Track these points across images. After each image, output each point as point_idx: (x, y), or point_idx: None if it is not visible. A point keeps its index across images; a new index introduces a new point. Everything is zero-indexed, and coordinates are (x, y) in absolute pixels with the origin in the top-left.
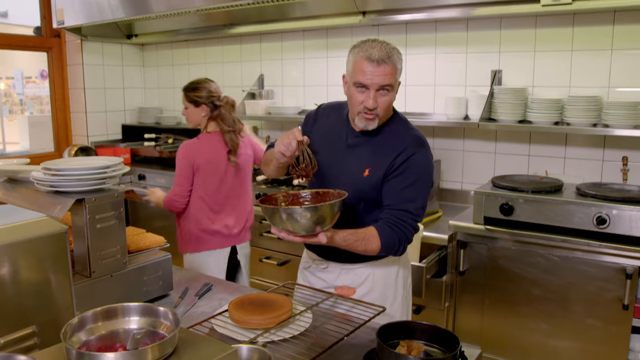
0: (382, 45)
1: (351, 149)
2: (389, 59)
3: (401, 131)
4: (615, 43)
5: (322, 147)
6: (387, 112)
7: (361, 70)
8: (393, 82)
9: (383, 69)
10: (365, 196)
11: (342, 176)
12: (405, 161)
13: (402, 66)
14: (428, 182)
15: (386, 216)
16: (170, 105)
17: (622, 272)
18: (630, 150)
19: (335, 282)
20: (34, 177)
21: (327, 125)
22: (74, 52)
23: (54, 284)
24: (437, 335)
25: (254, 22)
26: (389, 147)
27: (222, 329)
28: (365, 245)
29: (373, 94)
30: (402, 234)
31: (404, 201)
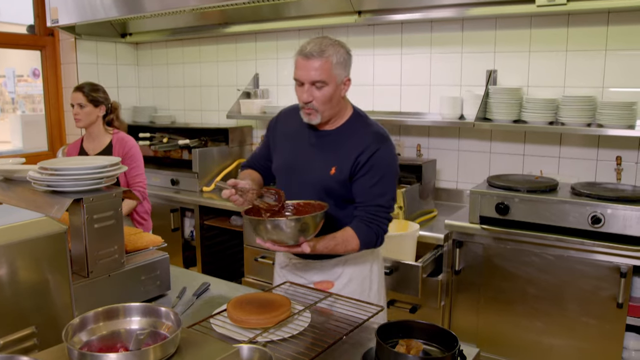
0: (318, 41)
1: (314, 148)
2: (320, 53)
3: (361, 129)
4: (609, 44)
5: (286, 149)
6: (330, 106)
7: (296, 65)
8: (325, 77)
9: (312, 63)
10: (335, 193)
11: (309, 175)
12: (370, 159)
13: (343, 60)
14: (394, 174)
15: (360, 214)
16: (164, 104)
17: (616, 271)
18: (624, 150)
19: (314, 278)
20: (30, 177)
21: (289, 127)
22: (67, 51)
23: (53, 284)
24: (435, 334)
25: (249, 21)
26: (351, 145)
27: (220, 329)
28: (346, 246)
29: (307, 88)
30: (378, 228)
31: (375, 197)
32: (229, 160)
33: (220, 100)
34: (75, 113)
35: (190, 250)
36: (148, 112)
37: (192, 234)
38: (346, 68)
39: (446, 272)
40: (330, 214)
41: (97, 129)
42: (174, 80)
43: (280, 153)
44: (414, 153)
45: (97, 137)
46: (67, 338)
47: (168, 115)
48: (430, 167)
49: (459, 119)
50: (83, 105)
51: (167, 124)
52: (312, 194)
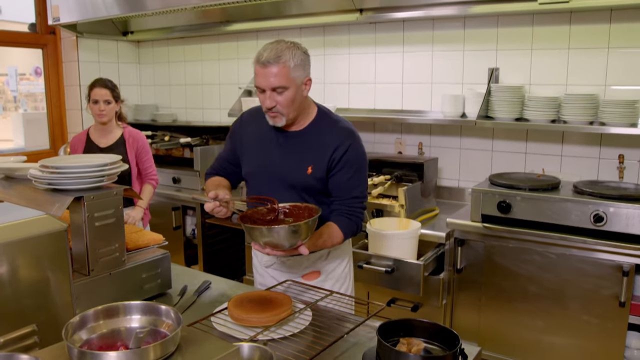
0: (274, 46)
1: (284, 148)
2: (276, 59)
3: (330, 126)
4: (611, 41)
5: (255, 153)
6: (294, 108)
7: (255, 73)
8: (284, 82)
9: (270, 70)
10: (312, 190)
11: (286, 177)
12: (344, 155)
13: (301, 62)
14: (366, 166)
15: (339, 207)
16: (166, 102)
17: (618, 270)
18: (626, 148)
19: (300, 270)
20: (31, 175)
21: (254, 131)
22: (69, 49)
23: (54, 282)
24: (437, 332)
25: (250, 20)
26: (324, 143)
27: (221, 327)
28: (332, 241)
29: (269, 94)
30: (357, 219)
31: (351, 189)
32: None
33: (222, 98)
34: (102, 109)
35: (191, 248)
36: (150, 110)
37: (194, 232)
38: (305, 68)
39: (448, 270)
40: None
41: (112, 124)
42: (176, 79)
43: (250, 157)
44: (416, 151)
45: (110, 132)
46: (67, 336)
47: (169, 114)
48: (432, 166)
49: (461, 117)
50: (109, 101)
51: (169, 122)
52: (289, 194)
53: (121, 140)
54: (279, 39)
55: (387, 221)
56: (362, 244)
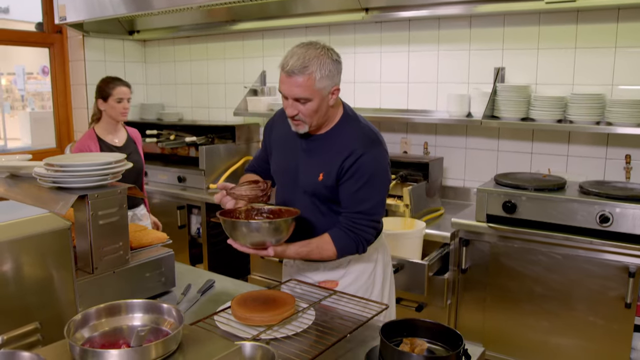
0: (302, 53)
1: (306, 153)
2: (302, 69)
3: (350, 132)
4: (619, 41)
5: (280, 154)
6: (317, 117)
7: (280, 79)
8: (308, 94)
9: (294, 79)
10: (325, 199)
11: (300, 181)
12: (354, 163)
13: (328, 73)
14: (382, 179)
15: (342, 220)
16: (172, 101)
17: (624, 271)
18: (633, 149)
19: (318, 277)
20: (36, 173)
21: (284, 131)
22: (75, 48)
23: (57, 280)
24: (440, 333)
25: (256, 19)
26: (338, 150)
27: (224, 326)
28: (320, 253)
29: (291, 103)
30: (358, 237)
31: (357, 203)
32: (236, 157)
33: (228, 97)
34: (126, 108)
35: (196, 247)
36: (155, 109)
37: (199, 231)
38: (333, 78)
39: (452, 270)
40: (319, 217)
41: (121, 122)
42: (182, 78)
43: (275, 158)
44: (421, 151)
45: (119, 130)
46: (69, 334)
47: (175, 113)
48: (437, 165)
49: (467, 117)
50: (130, 99)
51: (175, 121)
52: (304, 199)
53: (129, 138)
54: (312, 41)
55: (391, 221)
56: None
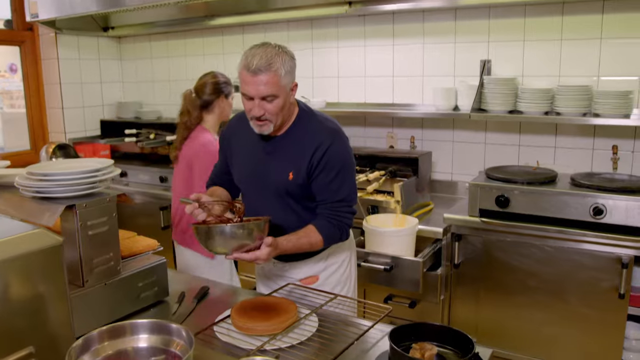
0: (263, 52)
1: (270, 155)
2: (267, 67)
3: (311, 126)
4: (604, 32)
5: (242, 161)
6: (282, 115)
7: (243, 80)
8: (275, 91)
9: (260, 78)
10: (298, 197)
11: (269, 184)
12: (323, 156)
13: (290, 69)
14: (350, 167)
15: (322, 211)
16: (150, 99)
17: (617, 262)
18: (620, 139)
19: (298, 275)
20: (18, 184)
21: (243, 138)
22: (48, 46)
23: (50, 300)
24: (449, 336)
25: (235, 14)
26: (303, 146)
27: (225, 337)
28: (309, 240)
29: (258, 103)
30: (340, 223)
31: (334, 192)
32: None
33: None
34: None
35: None
36: (133, 108)
37: None
38: (292, 74)
39: (445, 266)
40: (297, 216)
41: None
42: (159, 75)
43: (238, 166)
44: (408, 145)
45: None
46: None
47: (154, 111)
48: (426, 160)
49: (454, 110)
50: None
51: (153, 120)
52: (275, 201)
53: None
54: (265, 42)
55: (382, 218)
56: (359, 242)
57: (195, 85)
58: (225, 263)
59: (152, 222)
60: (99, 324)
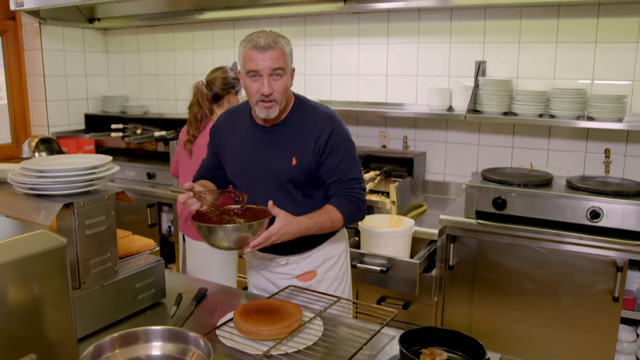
0: (267, 34)
1: (268, 143)
2: (275, 44)
3: (309, 113)
4: (599, 36)
5: (238, 154)
6: (286, 97)
7: (251, 59)
8: (284, 65)
9: (271, 53)
10: (300, 183)
11: (271, 172)
12: (328, 140)
13: (291, 51)
14: (353, 147)
15: (336, 191)
16: (136, 93)
17: (612, 265)
18: (612, 143)
19: (296, 271)
20: (12, 180)
21: (232, 131)
22: (31, 37)
23: (52, 305)
24: (459, 341)
25: (226, 8)
26: (306, 132)
27: (229, 342)
28: (330, 217)
29: (267, 80)
30: (357, 199)
31: (345, 172)
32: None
33: None
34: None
35: (168, 246)
36: (119, 102)
37: (170, 230)
38: (292, 58)
39: (439, 267)
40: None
41: None
42: (146, 69)
43: (232, 159)
44: (400, 145)
45: None
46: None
47: (140, 105)
48: (421, 160)
49: (448, 111)
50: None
51: (140, 114)
52: (274, 191)
53: None
54: (262, 29)
55: (378, 218)
56: (353, 242)
57: (207, 78)
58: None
59: (139, 219)
60: (96, 328)
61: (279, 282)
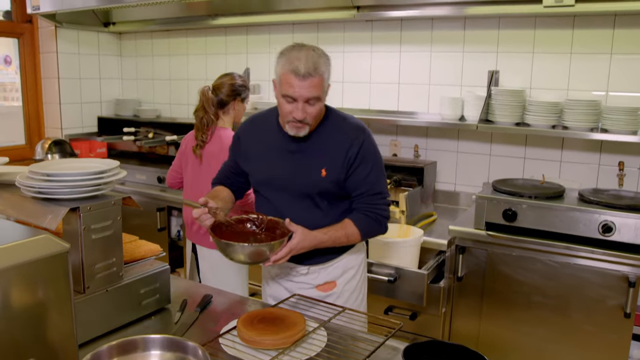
0: (308, 56)
1: (298, 154)
2: (315, 71)
3: (340, 125)
4: (615, 47)
5: (264, 163)
6: (318, 118)
7: (288, 83)
8: (320, 93)
9: (310, 81)
10: (327, 193)
11: (300, 183)
12: (359, 151)
13: (329, 70)
14: (381, 160)
15: (357, 205)
16: (149, 97)
17: (624, 280)
18: (626, 155)
19: (316, 281)
20: (19, 183)
21: (259, 139)
22: (47, 39)
23: (54, 310)
24: (463, 355)
25: (239, 14)
26: (336, 143)
27: (231, 350)
28: (346, 232)
29: (301, 106)
30: (377, 215)
31: (370, 185)
32: None
33: None
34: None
35: (176, 250)
36: (132, 106)
37: (179, 234)
38: (330, 76)
39: (448, 278)
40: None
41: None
42: (160, 73)
43: (258, 168)
44: (411, 154)
45: None
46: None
47: (153, 109)
48: (431, 170)
49: (460, 120)
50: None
51: (152, 118)
52: (300, 200)
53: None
54: (298, 43)
55: None
56: None
57: (214, 84)
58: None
59: (148, 223)
60: (99, 332)
61: (298, 291)
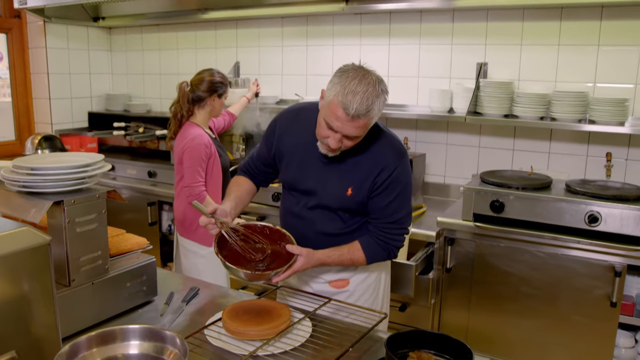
0: (365, 94)
1: (330, 166)
2: (366, 113)
3: (380, 146)
4: (602, 39)
5: (295, 164)
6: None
7: (334, 115)
8: (363, 133)
9: (357, 122)
10: (349, 210)
11: (324, 196)
12: (388, 178)
13: (382, 109)
14: (410, 189)
15: (372, 229)
16: (139, 92)
17: (610, 270)
18: (614, 146)
19: (329, 276)
20: (4, 177)
21: (295, 139)
22: (36, 35)
23: (35, 302)
24: (447, 344)
25: (229, 8)
26: (369, 164)
27: (216, 341)
28: (351, 257)
29: (339, 137)
30: (388, 245)
31: (389, 214)
32: None
33: None
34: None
35: (167, 244)
36: (122, 100)
37: (170, 228)
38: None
39: (437, 269)
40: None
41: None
42: (150, 67)
43: (289, 168)
44: None
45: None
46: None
47: (143, 104)
48: (421, 162)
49: (449, 113)
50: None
51: (143, 113)
52: (326, 213)
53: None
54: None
55: None
56: None
57: (192, 79)
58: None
59: (139, 217)
60: (85, 325)
61: (311, 284)
